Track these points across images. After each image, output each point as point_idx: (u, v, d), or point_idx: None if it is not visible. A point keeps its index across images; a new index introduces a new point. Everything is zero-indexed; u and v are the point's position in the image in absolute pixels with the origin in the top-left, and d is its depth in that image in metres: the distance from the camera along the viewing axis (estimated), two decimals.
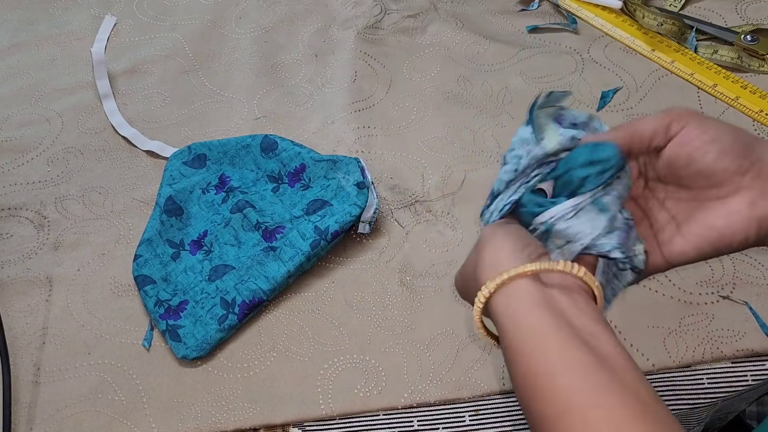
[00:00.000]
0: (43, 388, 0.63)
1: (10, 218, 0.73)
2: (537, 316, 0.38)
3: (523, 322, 0.39)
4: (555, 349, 0.37)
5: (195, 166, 0.72)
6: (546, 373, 0.36)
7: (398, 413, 0.60)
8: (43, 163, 0.77)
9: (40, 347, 0.65)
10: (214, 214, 0.70)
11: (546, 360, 0.37)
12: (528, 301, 0.39)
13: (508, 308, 0.39)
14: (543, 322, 0.38)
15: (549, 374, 0.36)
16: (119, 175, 0.76)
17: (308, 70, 0.83)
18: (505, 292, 0.40)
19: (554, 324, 0.38)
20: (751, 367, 0.60)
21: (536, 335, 0.38)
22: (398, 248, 0.68)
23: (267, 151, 0.71)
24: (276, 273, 0.64)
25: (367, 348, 0.63)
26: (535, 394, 0.37)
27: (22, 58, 0.87)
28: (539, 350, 0.37)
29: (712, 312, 0.62)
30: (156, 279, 0.66)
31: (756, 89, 0.75)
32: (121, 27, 0.90)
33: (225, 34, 0.88)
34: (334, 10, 0.89)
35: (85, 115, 0.81)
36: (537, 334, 0.38)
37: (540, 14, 0.86)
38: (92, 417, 0.61)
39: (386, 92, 0.80)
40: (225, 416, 0.60)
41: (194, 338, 0.62)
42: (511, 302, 0.39)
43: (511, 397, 0.60)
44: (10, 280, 0.69)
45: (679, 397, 0.59)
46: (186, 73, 0.84)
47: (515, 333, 0.39)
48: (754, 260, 0.65)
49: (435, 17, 0.86)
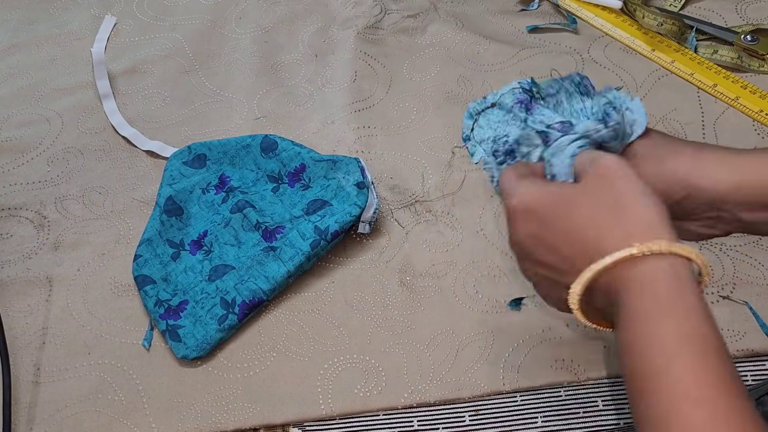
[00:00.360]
0: (43, 388, 0.63)
1: (10, 218, 0.73)
2: (691, 299, 0.35)
3: (673, 301, 0.35)
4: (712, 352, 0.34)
5: (195, 166, 0.72)
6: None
7: (398, 413, 0.60)
8: (43, 163, 0.77)
9: (40, 347, 0.65)
10: (214, 214, 0.70)
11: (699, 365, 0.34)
12: (689, 285, 0.36)
13: (663, 285, 0.35)
14: (696, 307, 0.35)
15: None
16: (119, 175, 0.76)
17: (308, 70, 0.83)
18: (658, 264, 0.36)
19: (704, 312, 0.35)
20: (751, 367, 0.60)
21: (691, 317, 0.35)
22: (398, 248, 0.68)
23: (267, 151, 0.71)
24: (276, 273, 0.64)
25: (367, 348, 0.63)
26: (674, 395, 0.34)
27: (22, 58, 0.87)
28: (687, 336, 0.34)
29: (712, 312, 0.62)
30: (156, 279, 0.66)
31: (756, 89, 0.75)
32: (121, 27, 0.90)
33: (225, 34, 0.88)
34: (334, 10, 0.89)
35: (85, 115, 0.81)
36: (692, 317, 0.35)
37: (540, 14, 0.86)
38: (92, 417, 0.61)
39: (386, 92, 0.80)
40: (225, 416, 0.60)
41: (194, 338, 0.62)
42: (669, 279, 0.35)
43: (510, 398, 0.60)
44: (10, 280, 0.69)
45: None
46: (186, 73, 0.84)
47: (661, 317, 0.35)
48: (754, 260, 0.65)
49: (435, 17, 0.86)
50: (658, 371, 0.34)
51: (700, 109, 0.75)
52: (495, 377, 0.61)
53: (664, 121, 0.75)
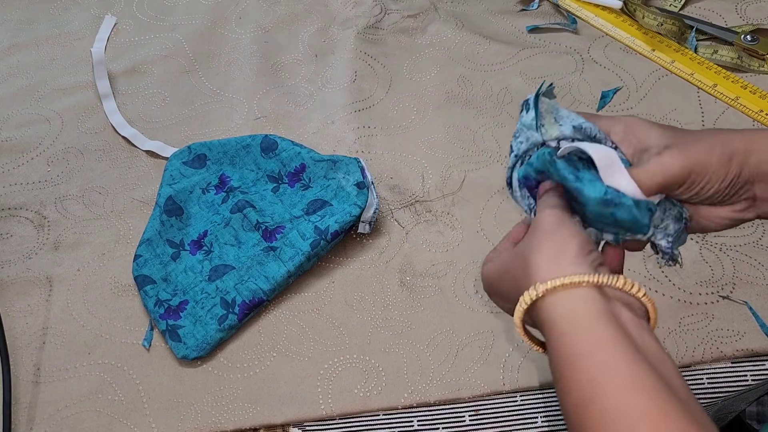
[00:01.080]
0: (43, 388, 0.63)
1: (10, 218, 0.73)
2: (604, 326, 0.37)
3: (586, 330, 0.37)
4: (622, 364, 0.36)
5: (195, 166, 0.72)
6: (611, 387, 0.35)
7: (398, 413, 0.60)
8: (43, 163, 0.77)
9: (40, 347, 0.65)
10: (214, 214, 0.70)
11: (611, 373, 0.36)
12: (594, 310, 0.38)
13: (570, 313, 0.38)
14: (609, 333, 0.37)
15: (615, 388, 0.35)
16: (119, 175, 0.76)
17: (308, 70, 0.83)
18: (569, 295, 0.38)
19: (621, 338, 0.37)
20: (751, 367, 0.60)
21: (602, 346, 0.37)
22: (398, 248, 0.68)
23: (267, 151, 0.71)
24: (276, 273, 0.64)
25: (367, 348, 0.63)
26: (592, 407, 0.36)
27: (22, 58, 0.87)
28: (604, 362, 0.36)
29: (712, 312, 0.62)
30: (156, 279, 0.66)
31: (756, 89, 0.75)
32: (121, 27, 0.90)
33: (225, 34, 0.88)
34: (334, 10, 0.89)
35: (85, 115, 0.81)
36: (603, 346, 0.37)
37: (540, 14, 0.86)
38: (92, 417, 0.61)
39: (386, 92, 0.80)
40: (225, 416, 0.60)
41: (194, 338, 0.62)
42: (575, 307, 0.38)
43: (510, 398, 0.60)
44: (10, 280, 0.69)
45: None
46: (186, 73, 0.84)
47: (576, 340, 0.37)
48: (754, 260, 0.65)
49: (435, 17, 0.86)
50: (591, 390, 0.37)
51: (700, 109, 0.75)
52: (495, 377, 0.61)
53: (664, 121, 0.75)
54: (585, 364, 0.37)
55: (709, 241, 0.66)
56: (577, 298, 0.38)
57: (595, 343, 0.37)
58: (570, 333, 0.38)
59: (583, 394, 0.36)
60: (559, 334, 0.38)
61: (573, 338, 0.38)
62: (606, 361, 0.36)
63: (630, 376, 0.35)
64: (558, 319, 0.38)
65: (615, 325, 0.37)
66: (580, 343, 0.37)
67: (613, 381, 0.36)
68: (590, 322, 0.38)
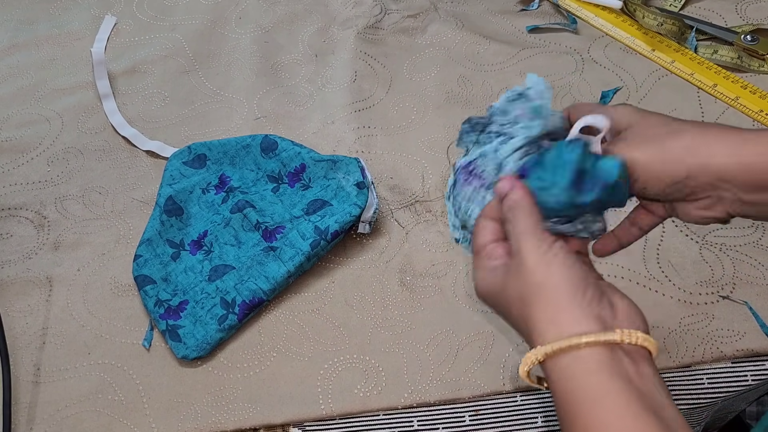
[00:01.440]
0: (43, 388, 0.63)
1: (10, 218, 0.73)
2: (607, 383, 0.37)
3: (590, 388, 0.37)
4: (628, 421, 0.36)
5: (195, 166, 0.72)
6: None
7: (398, 413, 0.60)
8: (43, 163, 0.77)
9: (40, 347, 0.65)
10: (214, 214, 0.70)
11: (617, 426, 0.36)
12: (595, 367, 0.38)
13: (570, 371, 0.38)
14: (614, 390, 0.37)
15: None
16: (119, 175, 0.76)
17: (308, 70, 0.83)
18: (571, 355, 0.38)
19: (625, 392, 0.37)
20: (751, 367, 0.60)
21: (606, 403, 0.37)
22: (398, 248, 0.68)
23: (267, 151, 0.71)
24: (276, 273, 0.64)
25: (367, 348, 0.63)
26: None
27: (22, 58, 0.87)
28: (607, 420, 0.36)
29: (712, 312, 0.62)
30: (156, 279, 0.66)
31: (756, 89, 0.75)
32: (121, 27, 0.90)
33: (225, 34, 0.88)
34: (334, 10, 0.89)
35: (85, 115, 0.81)
36: (606, 403, 0.37)
37: (540, 14, 0.86)
38: (92, 417, 0.61)
39: (386, 92, 0.80)
40: (225, 416, 0.60)
41: (194, 338, 0.62)
42: (576, 365, 0.38)
43: (510, 398, 0.60)
44: (10, 280, 0.69)
45: (680, 397, 0.59)
46: (186, 73, 0.84)
47: (579, 399, 0.37)
48: (755, 260, 0.65)
49: (435, 17, 0.86)
50: None
51: (700, 109, 0.75)
52: (495, 377, 0.61)
53: None
54: (590, 420, 0.37)
55: (709, 241, 0.66)
56: (576, 357, 0.38)
57: (597, 403, 0.37)
58: (570, 393, 0.38)
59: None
60: (561, 394, 0.38)
61: (573, 398, 0.38)
62: (610, 415, 0.36)
63: (634, 428, 0.35)
64: (558, 379, 0.38)
65: (619, 381, 0.37)
66: (579, 403, 0.37)
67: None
68: (588, 380, 0.38)
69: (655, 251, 0.66)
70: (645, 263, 0.65)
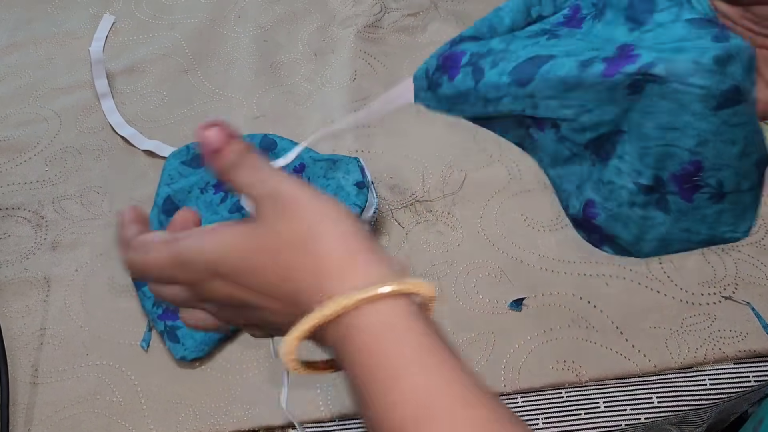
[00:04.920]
0: (41, 389, 0.62)
1: (7, 218, 0.73)
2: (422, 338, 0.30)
3: (404, 343, 0.30)
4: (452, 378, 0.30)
5: (193, 165, 0.72)
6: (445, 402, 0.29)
7: None
8: (40, 163, 0.77)
9: (38, 348, 0.65)
10: (212, 214, 0.69)
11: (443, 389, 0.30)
12: (406, 319, 0.31)
13: (383, 328, 0.31)
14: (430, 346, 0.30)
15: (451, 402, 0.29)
16: (117, 174, 0.75)
17: (308, 69, 0.83)
18: (373, 309, 0.31)
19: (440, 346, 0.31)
20: (753, 368, 0.60)
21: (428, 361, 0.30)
22: (398, 248, 0.68)
23: (266, 151, 0.70)
24: None
25: None
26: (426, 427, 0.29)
27: (20, 57, 0.87)
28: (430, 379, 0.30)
29: (714, 312, 0.62)
30: None
31: None
32: (120, 26, 0.89)
33: (224, 33, 0.87)
34: (333, 8, 0.88)
35: (84, 114, 0.81)
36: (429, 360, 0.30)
37: None
38: (90, 418, 0.61)
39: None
40: (224, 418, 0.60)
41: (193, 339, 0.62)
42: (387, 320, 0.31)
43: (511, 399, 0.60)
44: (8, 281, 0.69)
45: (681, 398, 0.59)
46: (185, 72, 0.84)
47: (395, 359, 0.30)
48: (757, 261, 0.64)
49: (435, 16, 0.86)
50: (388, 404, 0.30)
51: None
52: (496, 378, 0.60)
53: None
54: (408, 384, 0.30)
55: None
56: (388, 310, 0.31)
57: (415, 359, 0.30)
58: (385, 351, 0.30)
59: (411, 413, 0.29)
60: (369, 353, 0.31)
61: (390, 357, 0.30)
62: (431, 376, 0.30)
63: (462, 391, 0.30)
64: (366, 337, 0.31)
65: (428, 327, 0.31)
66: (401, 362, 0.30)
67: (446, 397, 0.29)
68: (407, 336, 0.31)
69: None
70: (646, 263, 0.65)
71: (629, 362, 0.60)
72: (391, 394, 0.30)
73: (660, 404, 0.59)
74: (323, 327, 0.31)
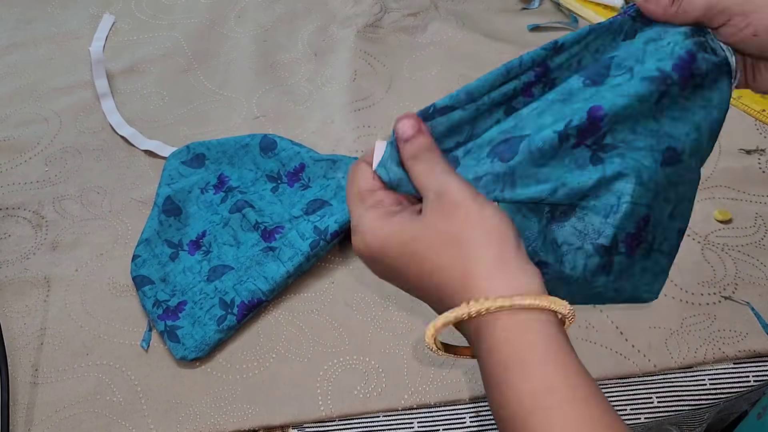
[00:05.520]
0: (42, 389, 0.62)
1: (7, 218, 0.73)
2: (555, 346, 0.34)
3: (536, 350, 0.34)
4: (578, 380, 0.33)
5: (194, 165, 0.72)
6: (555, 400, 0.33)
7: (398, 415, 0.60)
8: (41, 163, 0.77)
9: (38, 348, 0.65)
10: (212, 214, 0.69)
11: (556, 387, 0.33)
12: (544, 329, 0.34)
13: (514, 331, 0.34)
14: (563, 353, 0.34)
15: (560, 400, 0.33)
16: (117, 174, 0.75)
17: (308, 69, 0.83)
18: (514, 314, 0.34)
19: (572, 357, 0.34)
20: (753, 368, 0.60)
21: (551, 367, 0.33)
22: None
23: (266, 151, 0.70)
24: (275, 273, 0.64)
25: (367, 349, 0.63)
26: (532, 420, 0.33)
27: (20, 57, 0.87)
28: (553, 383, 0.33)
29: (714, 312, 0.62)
30: (154, 279, 0.66)
31: None
32: (120, 26, 0.89)
33: (224, 33, 0.87)
34: (333, 8, 0.88)
35: (84, 114, 0.81)
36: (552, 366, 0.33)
37: (541, 13, 0.86)
38: (90, 418, 0.61)
39: (386, 91, 0.80)
40: (224, 417, 0.60)
41: (193, 339, 0.62)
42: (521, 326, 0.34)
43: None
44: (8, 281, 0.69)
45: (681, 397, 0.59)
46: (185, 72, 0.84)
47: (524, 360, 0.34)
48: (757, 260, 0.64)
49: (435, 16, 0.86)
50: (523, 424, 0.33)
51: None
52: None
53: None
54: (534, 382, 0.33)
55: (711, 241, 0.66)
56: (528, 317, 0.34)
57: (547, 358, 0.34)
58: (521, 347, 0.34)
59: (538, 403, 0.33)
60: (501, 354, 0.34)
61: (525, 352, 0.34)
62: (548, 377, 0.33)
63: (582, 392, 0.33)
64: (506, 333, 0.34)
65: (563, 341, 0.34)
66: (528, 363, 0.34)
67: (556, 395, 0.33)
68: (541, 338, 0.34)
69: None
70: None
71: (629, 362, 0.60)
72: (520, 385, 0.33)
73: (660, 404, 0.59)
74: (464, 320, 0.35)
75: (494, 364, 0.34)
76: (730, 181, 0.70)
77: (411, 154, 0.38)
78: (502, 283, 0.34)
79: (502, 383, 0.34)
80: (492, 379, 0.35)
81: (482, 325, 0.35)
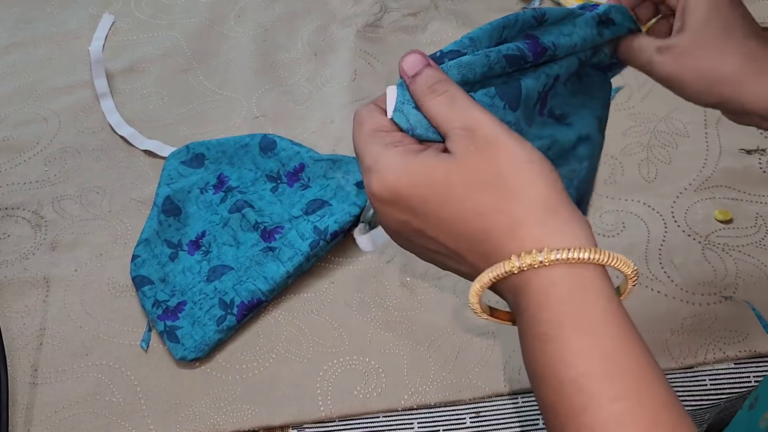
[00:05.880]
0: (41, 389, 0.62)
1: (7, 218, 0.73)
2: (606, 306, 0.30)
3: (588, 309, 0.30)
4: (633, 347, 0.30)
5: (193, 165, 0.72)
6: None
7: (398, 415, 0.60)
8: (40, 163, 0.77)
9: (37, 348, 0.64)
10: (212, 214, 0.69)
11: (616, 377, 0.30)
12: (596, 285, 0.30)
13: (565, 286, 0.30)
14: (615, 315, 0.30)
15: None
16: (117, 174, 0.75)
17: (307, 69, 0.83)
18: (569, 272, 0.30)
19: (624, 317, 0.31)
20: (754, 368, 0.60)
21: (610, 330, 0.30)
22: (398, 248, 0.68)
23: (266, 151, 0.70)
24: (275, 273, 0.64)
25: (367, 349, 0.62)
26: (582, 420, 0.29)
27: (19, 56, 0.87)
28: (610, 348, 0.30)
29: (715, 313, 0.62)
30: (154, 279, 0.65)
31: None
32: (119, 25, 0.89)
33: (224, 33, 0.87)
34: (333, 8, 0.88)
35: (83, 114, 0.81)
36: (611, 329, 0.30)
37: None
38: (90, 418, 0.60)
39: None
40: (223, 418, 0.60)
41: (192, 339, 0.62)
42: (571, 281, 0.30)
43: (512, 400, 0.60)
44: (7, 281, 0.68)
45: (682, 398, 0.59)
46: (184, 72, 0.84)
47: (573, 318, 0.30)
48: (757, 260, 0.64)
49: (435, 15, 0.86)
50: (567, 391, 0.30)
51: (702, 109, 0.75)
52: (496, 379, 0.60)
53: (666, 120, 0.74)
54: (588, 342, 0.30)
55: (711, 241, 0.66)
56: (579, 278, 0.30)
57: (601, 321, 0.30)
58: (570, 313, 0.30)
59: (584, 369, 0.30)
60: (550, 311, 0.31)
61: (577, 313, 0.30)
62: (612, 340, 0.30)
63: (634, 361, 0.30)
64: (555, 294, 0.31)
65: (614, 301, 0.31)
66: (587, 321, 0.30)
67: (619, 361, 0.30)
68: (596, 314, 0.30)
69: (657, 251, 0.66)
70: (647, 263, 0.65)
71: None
72: (567, 348, 0.30)
73: None
74: (509, 275, 0.31)
75: (544, 321, 0.31)
76: (730, 181, 0.70)
77: (425, 88, 0.34)
78: (555, 233, 0.31)
79: (554, 339, 0.30)
80: (540, 339, 0.31)
81: (531, 278, 0.31)
